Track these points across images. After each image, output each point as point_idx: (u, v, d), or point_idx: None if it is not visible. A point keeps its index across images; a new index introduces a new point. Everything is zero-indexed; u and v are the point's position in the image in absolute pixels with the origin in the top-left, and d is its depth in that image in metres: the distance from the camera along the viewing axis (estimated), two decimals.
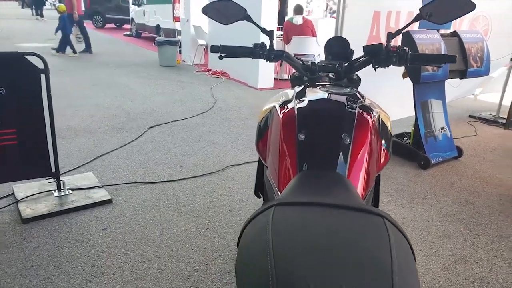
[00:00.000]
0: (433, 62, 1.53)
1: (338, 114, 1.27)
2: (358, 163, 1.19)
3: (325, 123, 1.25)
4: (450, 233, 2.69)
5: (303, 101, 1.34)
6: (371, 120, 1.29)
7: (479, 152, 4.26)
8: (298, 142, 1.22)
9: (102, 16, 18.46)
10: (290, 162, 1.21)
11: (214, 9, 1.66)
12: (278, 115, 1.33)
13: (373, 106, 1.42)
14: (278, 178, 1.23)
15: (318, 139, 1.22)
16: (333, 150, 1.19)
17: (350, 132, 1.22)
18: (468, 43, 3.81)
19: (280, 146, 1.26)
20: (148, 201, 2.98)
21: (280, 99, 1.50)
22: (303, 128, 1.24)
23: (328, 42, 1.78)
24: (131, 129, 4.57)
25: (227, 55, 1.64)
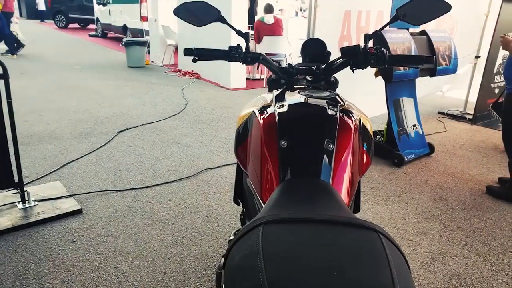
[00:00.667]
0: (412, 63, 1.51)
1: (320, 119, 1.23)
2: (342, 169, 1.16)
3: (307, 129, 1.20)
4: (426, 230, 2.71)
5: (283, 106, 1.29)
6: (353, 124, 1.26)
7: (449, 148, 4.35)
8: (281, 149, 1.17)
9: (65, 16, 17.94)
10: (272, 170, 1.16)
11: (187, 10, 1.59)
12: (258, 121, 1.28)
13: (354, 109, 1.39)
14: (260, 187, 1.18)
15: (301, 145, 1.17)
16: (317, 156, 1.15)
17: (333, 137, 1.18)
18: (436, 42, 3.87)
19: (261, 154, 1.21)
20: (121, 209, 2.87)
21: (258, 103, 1.45)
22: (285, 134, 1.19)
23: (305, 44, 1.74)
24: (99, 133, 4.41)
25: (202, 58, 1.58)
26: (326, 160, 1.14)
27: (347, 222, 0.78)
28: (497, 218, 2.89)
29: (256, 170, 1.22)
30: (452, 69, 4.00)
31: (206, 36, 6.44)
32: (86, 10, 17.66)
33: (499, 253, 2.49)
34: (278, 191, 1.05)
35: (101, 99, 5.94)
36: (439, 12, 1.44)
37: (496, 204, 3.10)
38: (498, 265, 2.37)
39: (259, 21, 7.49)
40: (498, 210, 3.01)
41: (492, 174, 3.67)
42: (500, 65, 5.11)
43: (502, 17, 4.68)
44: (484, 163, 3.94)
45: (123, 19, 12.90)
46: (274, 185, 1.14)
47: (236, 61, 1.56)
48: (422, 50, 3.77)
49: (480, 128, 5.11)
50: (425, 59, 1.46)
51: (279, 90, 1.52)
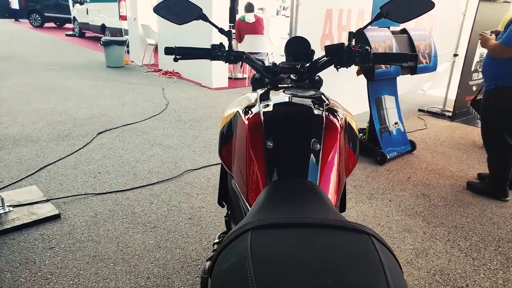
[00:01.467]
0: (396, 61, 1.50)
1: (306, 118, 1.20)
2: (328, 169, 1.14)
3: (293, 128, 1.18)
4: (410, 227, 2.72)
5: (268, 106, 1.26)
6: (339, 123, 1.24)
7: (430, 145, 4.40)
8: (266, 150, 1.14)
9: (40, 15, 17.51)
10: (258, 172, 1.13)
11: (167, 8, 1.55)
12: (243, 121, 1.25)
13: (339, 108, 1.37)
14: (246, 189, 1.15)
15: (287, 146, 1.15)
16: (304, 157, 1.12)
17: (320, 137, 1.16)
18: (417, 40, 3.90)
19: (247, 155, 1.17)
20: (101, 213, 2.79)
21: (242, 103, 1.41)
22: (271, 134, 1.16)
23: (288, 42, 1.71)
24: (78, 135, 4.31)
25: (183, 57, 1.54)
26: (313, 161, 1.12)
27: (338, 226, 0.75)
28: (478, 214, 2.92)
29: (241, 171, 1.19)
30: (432, 67, 4.04)
31: (187, 35, 6.37)
32: (62, 8, 17.27)
33: (480, 248, 2.51)
34: (265, 193, 1.02)
35: (80, 100, 5.81)
36: (423, 9, 1.44)
37: (476, 199, 3.15)
38: (479, 260, 2.40)
39: (240, 20, 7.45)
40: (478, 206, 3.04)
41: (472, 170, 3.72)
42: (477, 63, 5.20)
43: (479, 16, 4.75)
44: (464, 159, 4.00)
45: (101, 18, 12.67)
46: (261, 187, 1.11)
47: (219, 60, 1.53)
48: (403, 48, 3.80)
49: (459, 125, 5.19)
50: (409, 57, 1.45)
51: (264, 90, 1.49)
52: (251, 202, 1.12)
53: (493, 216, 2.90)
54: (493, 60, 2.90)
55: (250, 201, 1.13)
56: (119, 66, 8.73)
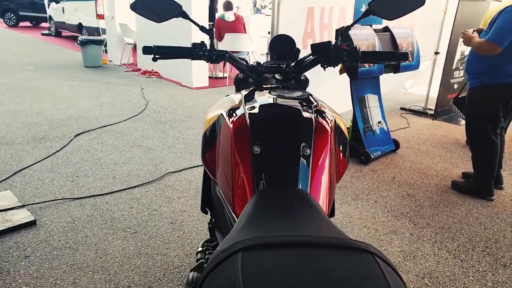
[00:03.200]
0: (386, 60, 1.45)
1: (295, 121, 1.13)
2: (319, 175, 1.07)
3: (282, 132, 1.11)
4: (396, 229, 2.69)
5: (254, 108, 1.19)
6: (329, 126, 1.17)
7: (413, 143, 4.39)
8: (253, 155, 1.06)
9: (15, 14, 17.03)
10: (245, 179, 1.06)
11: (145, 5, 1.46)
12: (228, 125, 1.17)
13: (328, 110, 1.31)
14: (232, 198, 1.07)
15: (275, 151, 1.07)
16: (293, 163, 1.05)
17: (310, 141, 1.09)
18: (399, 38, 3.89)
19: (232, 161, 1.10)
20: (79, 219, 2.68)
21: (226, 105, 1.34)
22: (258, 139, 1.09)
23: (273, 41, 1.64)
24: (55, 138, 4.16)
25: (162, 57, 1.46)
26: (303, 167, 1.05)
27: (338, 245, 0.68)
28: (464, 214, 2.91)
29: (227, 178, 1.11)
30: (415, 65, 4.03)
31: (166, 34, 6.24)
32: (37, 7, 16.80)
33: (468, 249, 2.49)
34: (253, 202, 0.95)
35: (56, 101, 5.62)
36: (413, 6, 1.39)
37: (462, 199, 3.14)
38: (468, 261, 2.37)
39: (219, 19, 7.35)
40: (464, 205, 3.03)
41: (456, 169, 3.72)
42: (459, 61, 5.23)
43: (460, 13, 4.78)
44: (448, 158, 4.00)
45: (78, 17, 12.37)
46: (248, 196, 1.04)
47: (201, 60, 1.45)
48: (386, 46, 3.77)
49: (441, 123, 5.21)
50: (399, 55, 1.40)
51: (248, 90, 1.42)
52: (238, 211, 1.05)
53: (479, 216, 2.89)
54: (478, 57, 2.89)
55: (237, 210, 1.05)
56: (96, 66, 8.53)
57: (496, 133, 3.01)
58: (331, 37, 4.23)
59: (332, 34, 4.29)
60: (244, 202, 1.02)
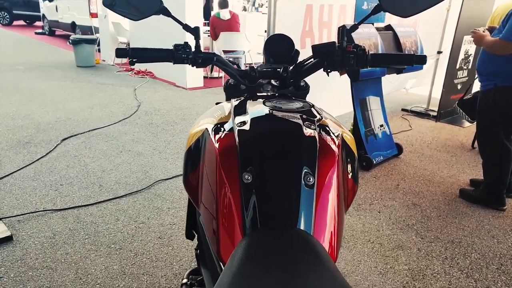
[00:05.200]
0: (401, 63, 1.25)
1: (295, 141, 0.93)
2: (325, 211, 0.87)
3: (278, 155, 0.90)
4: (402, 243, 2.49)
5: (245, 123, 0.98)
6: (336, 146, 0.97)
7: (417, 147, 4.20)
8: (243, 185, 0.86)
9: (9, 12, 16.76)
10: (233, 216, 0.85)
11: (120, 0, 1.26)
12: (213, 144, 0.97)
13: (333, 123, 1.11)
14: (217, 241, 0.87)
15: (271, 180, 0.87)
16: (293, 196, 0.85)
17: (313, 166, 0.88)
18: (402, 37, 3.69)
19: (217, 191, 0.89)
20: (60, 233, 2.47)
21: (213, 117, 1.14)
22: (249, 164, 0.88)
23: (268, 41, 1.44)
24: (40, 142, 3.95)
25: (140, 60, 1.26)
26: (306, 200, 0.85)
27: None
28: (475, 226, 2.71)
29: (210, 213, 0.91)
30: (419, 66, 3.82)
31: (160, 32, 6.01)
32: (31, 6, 16.53)
33: (482, 267, 2.29)
34: (242, 249, 0.75)
35: (45, 102, 5.41)
36: (432, 1, 1.19)
37: (471, 209, 2.94)
38: (482, 281, 2.18)
39: (214, 17, 7.13)
40: (474, 216, 2.84)
41: (463, 175, 3.52)
42: (462, 60, 5.04)
43: (464, 11, 4.59)
44: (453, 163, 3.81)
45: (71, 15, 12.12)
46: (236, 238, 0.83)
47: (184, 63, 1.25)
48: (388, 45, 3.57)
49: (444, 125, 5.02)
50: (416, 59, 1.20)
51: (239, 100, 1.22)
52: (224, 257, 0.84)
53: (491, 228, 2.69)
54: (491, 57, 2.69)
55: (223, 255, 0.85)
56: (89, 65, 8.31)
57: (510, 139, 2.81)
58: (330, 36, 4.03)
59: (332, 33, 4.08)
60: (231, 246, 0.82)
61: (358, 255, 2.36)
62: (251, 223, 0.83)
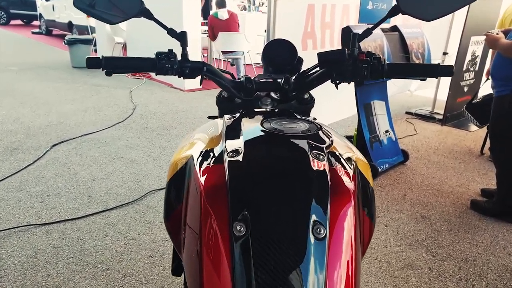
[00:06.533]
0: (421, 75, 1.07)
1: (302, 181, 0.74)
2: (339, 267, 0.69)
3: (280, 200, 0.71)
4: (412, 262, 2.31)
5: (238, 153, 0.80)
6: (350, 180, 0.79)
7: (423, 153, 4.01)
8: (234, 239, 0.68)
9: (6, 12, 16.56)
10: (221, 281, 0.67)
11: (94, 2, 1.09)
12: (198, 180, 0.78)
13: (345, 148, 0.93)
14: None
15: (269, 233, 0.68)
16: (299, 254, 0.66)
17: (324, 213, 0.70)
18: (409, 38, 3.51)
19: (201, 246, 0.71)
20: (43, 251, 2.29)
21: (201, 140, 0.96)
22: (242, 210, 0.70)
23: (267, 48, 1.26)
24: (29, 148, 3.77)
25: (116, 70, 1.08)
26: (316, 259, 0.66)
27: None
28: (489, 242, 2.53)
29: (194, 272, 0.73)
30: None
31: (160, 33, 5.82)
32: (29, 5, 16.31)
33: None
34: None
35: (37, 105, 5.22)
36: (461, 1, 1.00)
37: (484, 222, 2.76)
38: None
39: (212, 17, 6.94)
40: (488, 230, 2.66)
41: (473, 184, 3.34)
42: (469, 62, 4.86)
43: (471, 11, 4.41)
44: (462, 170, 3.62)
45: (68, 15, 11.93)
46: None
47: (168, 74, 1.07)
48: (394, 47, 3.39)
49: (450, 129, 4.83)
50: (441, 69, 1.02)
51: (233, 118, 1.04)
52: None
53: (506, 244, 2.51)
54: (507, 61, 2.51)
55: None
56: (85, 66, 8.09)
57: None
58: (333, 37, 3.85)
59: (334, 34, 3.90)
60: None
61: (365, 275, 2.18)
62: (244, 286, 0.64)
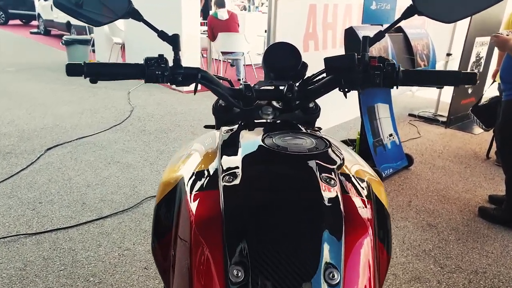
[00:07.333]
0: (440, 83, 0.97)
1: (311, 213, 0.64)
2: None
3: (285, 238, 0.60)
4: (420, 274, 2.21)
5: (235, 176, 0.69)
6: (366, 209, 0.69)
7: (427, 157, 3.91)
8: (231, 283, 0.57)
9: (4, 12, 16.46)
10: None
11: (76, 2, 0.98)
12: (188, 208, 0.68)
13: (358, 167, 0.83)
14: None
15: (272, 280, 0.57)
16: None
17: (338, 253, 0.60)
18: (414, 39, 3.40)
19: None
20: (32, 263, 2.19)
21: (194, 157, 0.85)
22: (239, 248, 0.59)
23: (268, 52, 1.15)
24: (22, 152, 3.66)
25: (101, 77, 0.99)
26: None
27: None
28: (499, 252, 2.43)
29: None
30: None
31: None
32: (27, 5, 16.22)
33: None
34: None
35: (33, 107, 5.12)
36: (483, 3, 0.90)
37: (493, 230, 2.66)
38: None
39: (212, 17, 6.84)
40: (497, 240, 2.55)
41: (480, 190, 3.23)
42: (474, 63, 4.75)
43: None
44: (468, 175, 3.52)
45: (66, 15, 11.82)
46: None
47: (158, 82, 0.97)
48: (399, 49, 3.29)
49: (455, 132, 4.72)
50: (463, 77, 0.92)
51: (230, 132, 0.94)
52: None
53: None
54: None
55: None
56: None
57: None
58: (335, 38, 3.74)
59: (336, 35, 3.80)
60: None
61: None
62: None
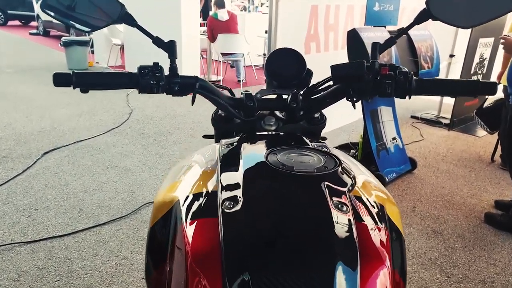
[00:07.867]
0: (458, 93, 0.91)
1: (321, 243, 0.57)
2: None
3: (292, 272, 0.54)
4: (426, 284, 2.14)
5: (237, 202, 0.63)
6: (381, 233, 0.62)
7: (431, 161, 3.84)
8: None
9: (3, 12, 16.41)
10: None
11: (62, 5, 0.92)
12: (184, 236, 0.61)
13: (371, 188, 0.76)
14: None
15: None
16: None
17: (354, 285, 0.53)
18: (417, 41, 3.34)
19: None
20: (26, 274, 2.12)
21: (190, 178, 0.78)
22: (240, 283, 0.53)
23: (271, 59, 1.08)
24: (19, 157, 3.60)
25: (92, 86, 0.93)
26: None
27: None
28: (507, 260, 2.36)
29: None
30: (435, 72, 3.48)
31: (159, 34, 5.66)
32: (26, 6, 16.16)
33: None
34: None
35: (30, 109, 5.06)
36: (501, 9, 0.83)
37: (500, 237, 2.59)
38: None
39: (212, 18, 6.77)
40: (505, 247, 2.49)
41: (485, 195, 3.17)
42: (477, 65, 4.69)
43: None
44: (473, 179, 3.45)
45: None
46: None
47: (153, 92, 0.90)
48: (402, 51, 3.22)
49: (458, 135, 4.66)
50: (482, 86, 0.85)
51: (230, 145, 0.87)
52: None
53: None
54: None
55: None
56: (82, 68, 7.95)
57: None
58: (337, 40, 3.68)
59: (338, 37, 3.73)
60: None
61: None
62: None
